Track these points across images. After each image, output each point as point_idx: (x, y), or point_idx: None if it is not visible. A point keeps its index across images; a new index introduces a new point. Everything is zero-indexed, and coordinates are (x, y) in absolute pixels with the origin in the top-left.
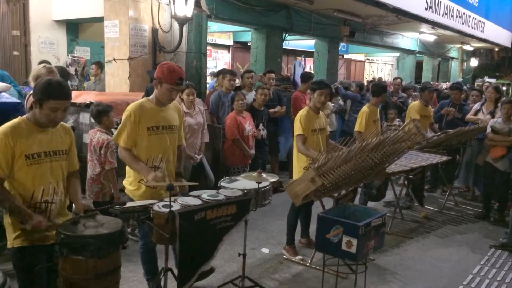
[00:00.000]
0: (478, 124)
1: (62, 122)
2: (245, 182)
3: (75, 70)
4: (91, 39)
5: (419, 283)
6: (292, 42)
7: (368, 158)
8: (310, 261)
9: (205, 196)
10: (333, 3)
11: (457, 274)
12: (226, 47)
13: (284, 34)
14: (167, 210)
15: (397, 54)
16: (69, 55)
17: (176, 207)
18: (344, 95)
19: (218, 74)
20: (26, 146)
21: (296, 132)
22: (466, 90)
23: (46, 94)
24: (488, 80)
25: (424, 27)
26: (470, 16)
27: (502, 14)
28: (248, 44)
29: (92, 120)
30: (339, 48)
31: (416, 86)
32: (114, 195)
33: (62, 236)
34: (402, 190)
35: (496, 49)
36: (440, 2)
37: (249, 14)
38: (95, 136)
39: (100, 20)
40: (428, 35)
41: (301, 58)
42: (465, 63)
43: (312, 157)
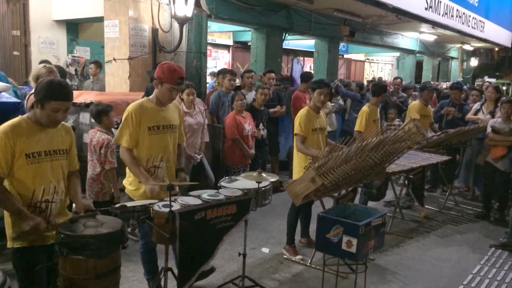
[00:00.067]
0: (478, 124)
1: (62, 122)
2: (245, 182)
3: (75, 70)
4: (91, 39)
5: (419, 282)
6: (292, 42)
7: (368, 157)
8: (310, 260)
9: (205, 196)
10: (333, 3)
11: (457, 274)
12: (226, 47)
13: (284, 34)
14: (167, 210)
15: (397, 54)
16: (69, 55)
17: (176, 207)
18: (345, 93)
19: (218, 74)
20: (27, 145)
21: (295, 132)
22: (466, 90)
23: (48, 95)
24: (488, 80)
25: (424, 27)
26: (470, 16)
27: (502, 14)
28: (248, 44)
29: (92, 120)
30: (339, 48)
31: (416, 86)
32: (114, 195)
33: (62, 235)
34: (402, 189)
35: (496, 49)
36: (440, 2)
37: (249, 14)
38: (95, 136)
39: (100, 20)
40: (428, 35)
41: (302, 59)
42: (465, 63)
43: (312, 155)
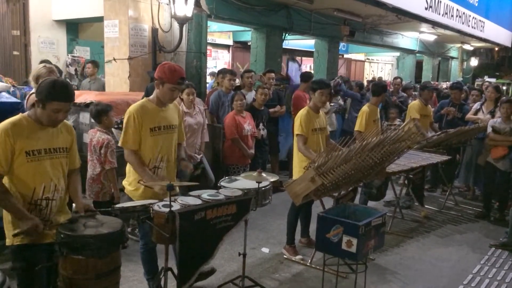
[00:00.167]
0: (478, 124)
1: (64, 120)
2: (245, 182)
3: (75, 70)
4: (91, 39)
5: (419, 282)
6: (292, 42)
7: (368, 157)
8: (310, 260)
9: (205, 195)
10: (333, 3)
11: (457, 274)
12: (226, 46)
13: (284, 34)
14: (167, 209)
15: (397, 54)
16: (69, 55)
17: (176, 206)
18: (345, 92)
19: (218, 73)
20: (27, 143)
21: (296, 132)
22: (466, 89)
23: (50, 95)
24: (488, 80)
25: (424, 27)
26: (470, 15)
27: (502, 13)
28: (248, 43)
29: (92, 120)
30: (339, 48)
31: (416, 85)
32: (114, 195)
33: (62, 235)
34: (402, 189)
35: (496, 48)
36: (440, 2)
37: (249, 14)
38: (95, 136)
39: (100, 20)
40: (428, 34)
41: (299, 58)
42: (465, 63)
43: (310, 158)
